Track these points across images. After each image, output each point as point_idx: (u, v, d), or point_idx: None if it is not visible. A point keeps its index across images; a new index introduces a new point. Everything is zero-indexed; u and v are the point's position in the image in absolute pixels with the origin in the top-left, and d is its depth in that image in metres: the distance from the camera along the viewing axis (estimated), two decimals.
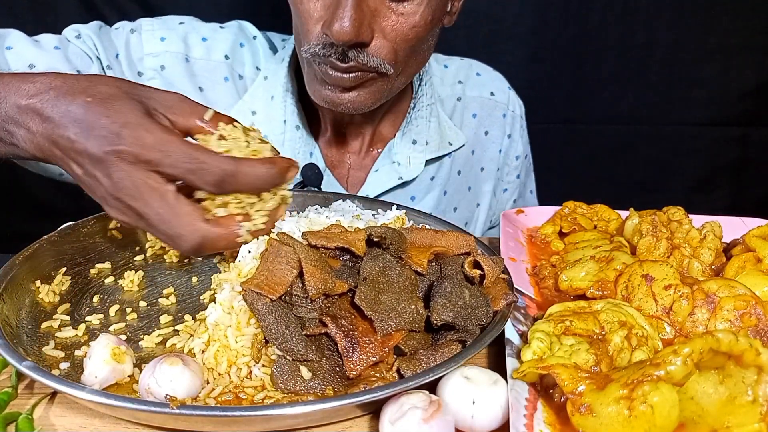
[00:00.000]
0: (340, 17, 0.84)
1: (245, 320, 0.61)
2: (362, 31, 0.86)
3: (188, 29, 1.12)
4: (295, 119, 1.09)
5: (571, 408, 0.52)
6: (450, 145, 1.20)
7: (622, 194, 1.90)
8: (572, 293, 0.74)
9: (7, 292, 0.67)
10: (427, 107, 1.16)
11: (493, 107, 1.27)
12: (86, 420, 0.56)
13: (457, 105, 1.24)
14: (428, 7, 0.91)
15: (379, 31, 0.89)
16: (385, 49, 0.90)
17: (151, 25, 1.11)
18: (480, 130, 1.26)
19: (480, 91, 1.27)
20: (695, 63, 1.82)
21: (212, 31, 1.14)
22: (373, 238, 0.66)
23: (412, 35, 0.92)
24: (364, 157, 1.16)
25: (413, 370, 0.57)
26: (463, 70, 1.27)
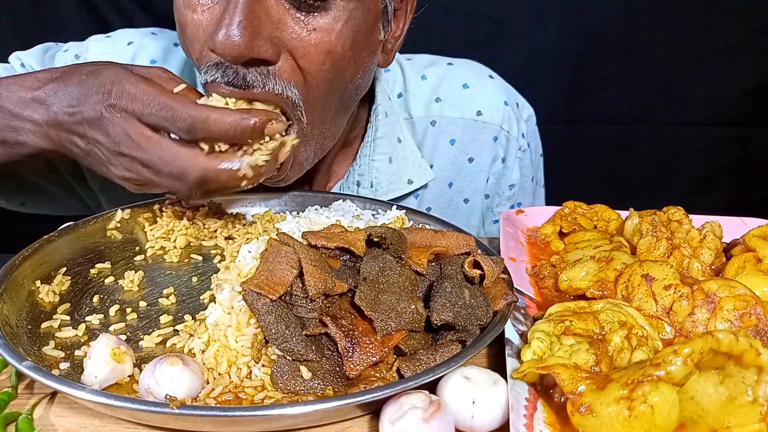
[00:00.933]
0: (226, 24, 0.68)
1: (245, 320, 0.61)
2: (258, 42, 0.69)
3: (137, 51, 1.03)
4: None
5: (571, 408, 0.52)
6: (409, 184, 1.01)
7: (622, 194, 1.90)
8: (572, 293, 0.74)
9: (7, 292, 0.67)
10: (371, 143, 0.99)
11: (479, 130, 1.06)
12: (86, 420, 0.56)
13: (429, 130, 1.05)
14: (347, 26, 0.74)
15: (286, 51, 0.73)
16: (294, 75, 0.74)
17: (98, 48, 1.03)
18: (461, 158, 1.07)
19: (462, 110, 1.05)
20: (695, 63, 1.82)
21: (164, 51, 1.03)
22: (373, 238, 0.66)
23: (329, 65, 0.74)
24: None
25: (413, 370, 0.57)
26: (445, 82, 1.07)
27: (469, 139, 1.07)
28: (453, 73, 1.08)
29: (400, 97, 1.06)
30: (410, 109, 1.06)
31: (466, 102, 1.06)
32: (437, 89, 1.07)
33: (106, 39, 1.06)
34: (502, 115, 1.07)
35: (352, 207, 0.87)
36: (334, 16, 0.73)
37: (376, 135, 0.99)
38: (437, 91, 1.07)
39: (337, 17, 0.74)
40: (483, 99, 1.07)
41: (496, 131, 1.07)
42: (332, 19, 0.73)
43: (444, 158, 1.07)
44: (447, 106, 1.06)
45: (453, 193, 1.09)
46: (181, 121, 0.66)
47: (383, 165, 1.00)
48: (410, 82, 1.06)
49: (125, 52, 1.03)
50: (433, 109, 1.06)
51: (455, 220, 1.03)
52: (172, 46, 1.05)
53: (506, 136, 1.08)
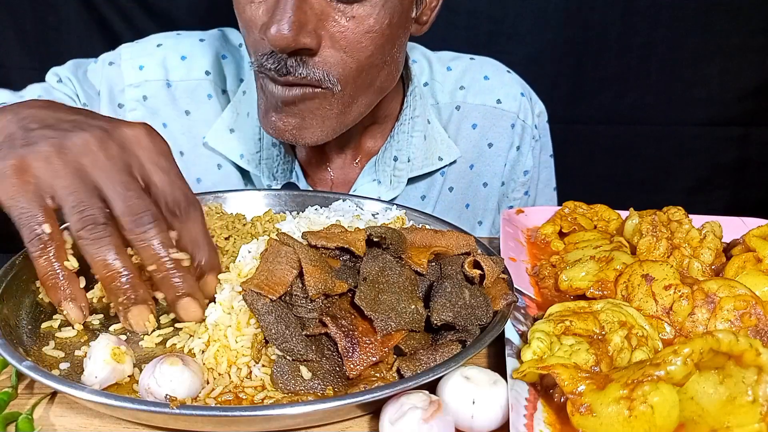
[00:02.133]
0: (278, 20, 0.75)
1: (245, 320, 0.61)
2: (303, 35, 0.77)
3: (166, 51, 1.09)
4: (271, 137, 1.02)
5: (571, 408, 0.52)
6: (440, 161, 1.10)
7: (622, 194, 1.90)
8: (572, 293, 0.74)
9: (7, 292, 0.66)
10: (410, 120, 1.06)
11: (498, 116, 1.15)
12: (86, 420, 0.56)
13: (454, 114, 1.14)
14: (384, 9, 0.81)
15: (328, 38, 0.81)
16: (332, 60, 0.81)
17: (130, 53, 1.08)
18: (482, 142, 1.15)
19: (484, 98, 1.15)
20: (695, 63, 1.82)
21: (191, 47, 1.09)
22: (373, 238, 0.66)
23: (366, 42, 0.82)
24: (348, 172, 1.10)
25: (413, 370, 0.57)
26: (469, 73, 1.16)
27: (489, 125, 1.15)
28: (475, 66, 1.18)
29: (426, 85, 1.14)
30: (437, 96, 1.14)
31: (487, 91, 1.15)
32: (461, 79, 1.16)
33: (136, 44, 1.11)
34: (518, 104, 1.16)
35: (352, 207, 0.87)
36: (372, 3, 0.81)
37: (414, 113, 1.07)
38: (461, 80, 1.16)
39: (375, 3, 0.81)
40: (502, 89, 1.16)
41: (514, 119, 1.16)
42: (371, 6, 0.81)
43: (466, 141, 1.14)
44: (470, 94, 1.15)
45: (474, 176, 1.16)
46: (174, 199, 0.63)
47: (420, 141, 1.08)
48: (436, 72, 1.16)
49: (156, 53, 1.08)
50: (458, 95, 1.15)
51: (475, 203, 1.15)
52: (198, 42, 1.11)
53: (522, 125, 1.16)
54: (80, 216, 0.59)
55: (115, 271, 0.60)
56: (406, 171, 1.07)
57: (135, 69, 1.07)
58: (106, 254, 0.59)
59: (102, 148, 0.61)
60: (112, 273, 0.60)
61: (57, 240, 0.60)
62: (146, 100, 1.07)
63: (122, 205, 0.60)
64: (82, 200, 0.59)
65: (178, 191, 0.64)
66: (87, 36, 1.73)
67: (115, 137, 0.63)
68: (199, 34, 1.12)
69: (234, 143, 1.06)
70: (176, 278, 0.62)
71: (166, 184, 0.63)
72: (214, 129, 1.07)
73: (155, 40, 1.11)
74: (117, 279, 0.60)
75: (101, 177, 0.60)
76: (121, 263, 0.60)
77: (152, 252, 0.61)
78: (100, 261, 0.59)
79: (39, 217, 0.59)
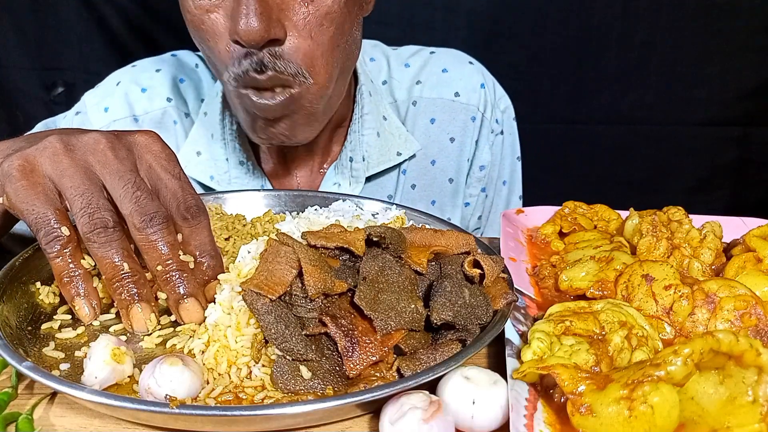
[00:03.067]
0: (245, 14, 0.76)
1: (245, 320, 0.61)
2: (272, 25, 0.78)
3: (126, 86, 1.10)
4: (238, 155, 1.05)
5: (571, 408, 0.52)
6: (398, 156, 1.09)
7: (622, 194, 1.90)
8: (572, 293, 0.74)
9: (7, 293, 0.66)
10: (360, 119, 1.06)
11: (457, 110, 1.13)
12: (86, 420, 0.56)
13: (411, 110, 1.12)
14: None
15: (292, 27, 0.82)
16: (301, 50, 0.82)
17: (93, 97, 1.11)
18: (442, 137, 1.13)
19: (440, 91, 1.13)
20: (695, 63, 1.82)
21: (150, 78, 1.11)
22: (373, 238, 0.66)
23: (327, 24, 0.83)
24: (314, 178, 1.10)
25: (413, 369, 0.57)
26: (427, 67, 1.14)
27: (448, 119, 1.13)
28: (434, 59, 1.16)
29: (385, 84, 1.13)
30: (394, 94, 1.14)
31: (444, 84, 1.13)
32: (418, 74, 1.14)
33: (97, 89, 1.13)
34: (478, 96, 1.14)
35: (351, 207, 0.87)
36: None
37: (363, 111, 1.06)
38: (418, 75, 1.14)
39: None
40: (461, 82, 1.14)
41: (474, 112, 1.13)
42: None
43: (425, 136, 1.12)
44: (426, 88, 1.13)
45: (437, 172, 1.14)
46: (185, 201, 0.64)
47: (372, 139, 1.07)
48: (394, 70, 1.14)
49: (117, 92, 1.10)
50: (414, 90, 1.13)
51: (441, 199, 1.12)
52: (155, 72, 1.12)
53: (481, 118, 1.14)
54: (89, 219, 0.59)
55: (121, 271, 0.61)
56: (363, 170, 1.07)
57: (101, 112, 1.09)
58: (113, 256, 0.60)
59: (110, 148, 0.62)
60: (117, 274, 0.61)
61: (74, 241, 0.61)
62: None
63: (132, 205, 0.61)
64: (90, 203, 0.60)
65: (190, 197, 0.65)
66: (87, 36, 1.73)
67: (124, 140, 0.64)
68: (153, 62, 1.14)
69: (203, 166, 1.07)
70: (181, 280, 0.63)
71: (178, 188, 0.64)
72: (182, 154, 1.08)
73: (114, 79, 1.13)
74: (122, 279, 0.61)
75: (109, 177, 0.61)
76: (128, 265, 0.61)
77: (160, 253, 0.62)
78: (107, 263, 0.61)
79: (54, 220, 0.60)
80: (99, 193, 0.60)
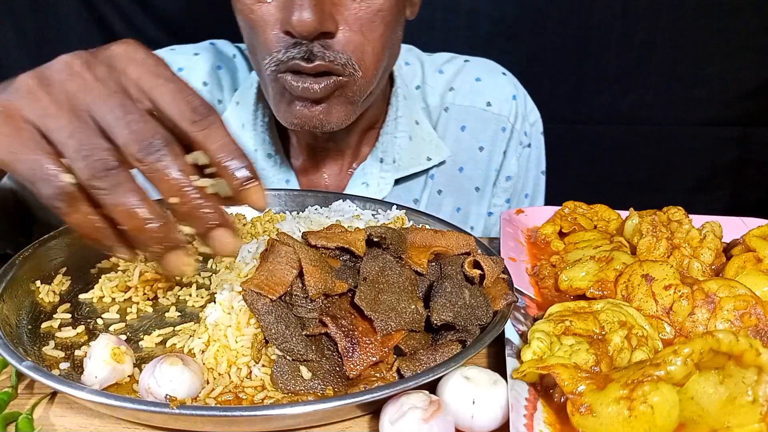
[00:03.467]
0: (299, 6, 0.78)
1: (245, 320, 0.61)
2: (324, 18, 0.80)
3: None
4: (267, 147, 1.05)
5: (571, 408, 0.52)
6: (428, 161, 1.09)
7: (622, 194, 1.90)
8: (572, 293, 0.74)
9: (7, 292, 0.67)
10: (394, 122, 1.07)
11: (488, 119, 1.13)
12: (86, 420, 0.56)
13: (442, 116, 1.13)
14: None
15: (343, 22, 0.84)
16: (352, 43, 0.85)
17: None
18: (472, 145, 1.13)
19: (473, 99, 1.13)
20: (695, 63, 1.82)
21: (187, 60, 1.11)
22: (373, 238, 0.66)
23: (378, 21, 0.86)
24: (342, 177, 1.10)
25: (413, 370, 0.57)
26: (460, 75, 1.15)
27: (479, 128, 1.13)
28: (468, 68, 1.16)
29: (418, 88, 1.14)
30: (427, 99, 1.14)
31: (477, 93, 1.14)
32: (452, 81, 1.15)
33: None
34: (509, 107, 1.14)
35: (351, 207, 0.87)
36: None
37: (397, 114, 1.07)
38: (452, 82, 1.15)
39: None
40: (493, 92, 1.14)
41: (505, 123, 1.14)
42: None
43: (455, 142, 1.13)
44: (459, 95, 1.14)
45: (464, 179, 1.14)
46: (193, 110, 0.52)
47: (404, 142, 1.08)
48: (428, 75, 1.15)
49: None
50: (447, 97, 1.14)
51: (467, 206, 1.13)
52: (193, 55, 1.12)
53: (511, 129, 1.14)
54: (87, 162, 0.49)
55: (142, 219, 0.50)
56: (392, 172, 1.08)
57: None
58: (127, 202, 0.50)
59: (87, 68, 0.53)
60: (139, 223, 0.51)
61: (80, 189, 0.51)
62: None
63: (125, 132, 0.50)
64: (83, 142, 0.50)
65: (192, 96, 0.54)
66: (87, 36, 1.73)
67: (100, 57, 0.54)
68: (192, 48, 1.14)
69: None
70: (205, 208, 0.52)
71: (176, 92, 0.53)
72: None
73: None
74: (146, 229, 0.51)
75: (94, 103, 0.51)
76: (148, 210, 0.51)
77: (172, 182, 0.51)
78: (123, 211, 0.50)
79: (52, 168, 0.50)
80: (90, 129, 0.51)
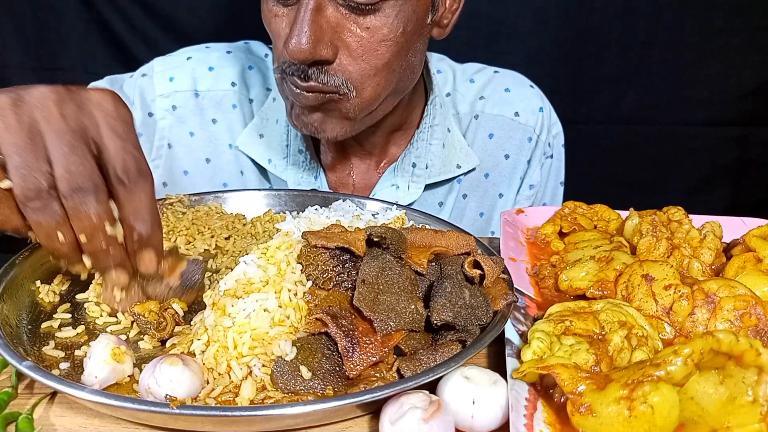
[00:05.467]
0: (297, 34, 0.80)
1: (245, 321, 0.61)
2: (320, 48, 0.82)
3: (195, 63, 1.14)
4: (298, 143, 1.07)
5: (571, 408, 0.52)
6: (458, 168, 1.12)
7: (622, 194, 1.90)
8: (572, 293, 0.74)
9: (7, 292, 0.67)
10: (429, 129, 1.10)
11: (515, 128, 1.16)
12: (86, 420, 0.56)
13: (472, 123, 1.16)
14: (397, 18, 0.85)
15: (344, 48, 0.85)
16: (350, 67, 0.86)
17: (162, 65, 1.14)
18: (498, 153, 1.16)
19: (502, 109, 1.16)
20: (695, 63, 1.82)
21: (219, 59, 1.14)
22: (373, 238, 0.66)
23: (382, 50, 0.86)
24: (370, 177, 1.12)
25: (413, 370, 0.57)
26: (491, 84, 1.18)
27: (506, 136, 1.16)
28: (497, 79, 1.20)
29: (449, 96, 1.17)
30: (457, 107, 1.17)
31: (506, 102, 1.17)
32: (482, 90, 1.18)
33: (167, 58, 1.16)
34: (536, 119, 1.17)
35: (352, 207, 0.87)
36: (385, 14, 0.84)
37: (433, 122, 1.10)
38: (482, 91, 1.18)
39: (389, 14, 0.84)
40: (521, 103, 1.17)
41: (531, 133, 1.17)
42: (384, 16, 0.84)
43: (482, 149, 1.16)
44: (489, 104, 1.17)
45: (489, 185, 1.17)
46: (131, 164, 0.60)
47: (438, 149, 1.10)
48: (459, 84, 1.18)
49: (186, 66, 1.13)
50: (477, 105, 1.17)
51: (490, 212, 1.17)
52: (225, 54, 1.15)
53: (536, 139, 1.17)
54: (23, 180, 0.57)
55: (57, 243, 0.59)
56: (424, 177, 1.10)
57: (166, 80, 1.11)
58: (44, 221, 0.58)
59: (58, 104, 0.59)
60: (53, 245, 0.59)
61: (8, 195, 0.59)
62: (175, 109, 1.10)
63: (63, 170, 0.57)
64: (27, 161, 0.56)
65: (130, 159, 0.60)
66: (87, 36, 1.73)
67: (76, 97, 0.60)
68: (226, 46, 1.17)
69: (263, 148, 1.10)
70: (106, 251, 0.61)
71: (120, 149, 0.60)
72: (246, 134, 1.11)
73: (185, 54, 1.16)
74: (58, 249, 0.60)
75: (50, 135, 0.58)
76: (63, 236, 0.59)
77: (85, 224, 0.59)
78: (41, 232, 0.59)
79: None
80: (38, 154, 0.57)
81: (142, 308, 0.62)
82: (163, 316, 0.63)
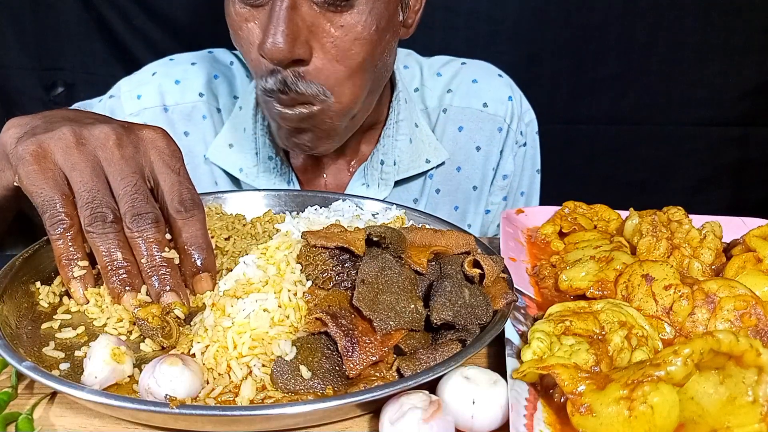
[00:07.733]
0: (272, 33, 0.79)
1: (244, 321, 0.61)
2: (297, 46, 0.81)
3: (161, 78, 1.14)
4: (268, 150, 1.07)
5: (571, 408, 0.52)
6: (427, 163, 1.12)
7: (622, 194, 1.90)
8: (572, 293, 0.74)
9: (7, 293, 0.66)
10: (395, 125, 1.09)
11: (484, 119, 1.16)
12: (86, 420, 0.56)
13: (441, 117, 1.16)
14: (371, 16, 0.85)
15: (319, 49, 0.84)
16: (325, 69, 0.85)
17: (128, 85, 1.14)
18: (469, 145, 1.16)
19: (470, 101, 1.16)
20: (695, 63, 1.82)
21: (184, 71, 1.14)
22: (373, 238, 0.66)
23: (356, 49, 0.86)
24: (341, 177, 1.12)
25: (413, 369, 0.57)
26: (458, 77, 1.18)
27: (476, 127, 1.16)
28: (465, 70, 1.19)
29: (417, 91, 1.17)
30: (425, 101, 1.17)
31: (474, 94, 1.17)
32: (449, 83, 1.18)
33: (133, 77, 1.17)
34: (505, 108, 1.17)
35: (351, 207, 0.86)
36: (358, 10, 0.84)
37: (398, 118, 1.09)
38: (449, 84, 1.18)
39: (362, 11, 0.84)
40: (490, 93, 1.17)
41: (500, 123, 1.17)
42: (358, 13, 0.84)
43: (452, 143, 1.16)
44: (456, 97, 1.16)
45: (462, 179, 1.17)
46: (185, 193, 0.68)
47: (405, 145, 1.10)
48: (426, 78, 1.18)
49: (152, 82, 1.13)
50: (445, 99, 1.17)
51: (464, 205, 1.16)
52: (190, 65, 1.15)
53: (507, 129, 1.17)
54: (91, 212, 0.64)
55: (114, 261, 0.65)
56: (393, 174, 1.10)
57: (133, 99, 1.12)
58: (109, 247, 0.65)
59: (118, 145, 0.67)
60: (111, 263, 0.65)
61: (76, 226, 0.66)
62: None
63: (127, 205, 0.65)
64: (95, 198, 0.64)
65: (186, 192, 0.68)
66: (87, 36, 1.73)
67: (132, 137, 0.68)
68: (191, 57, 1.17)
69: (233, 158, 1.11)
70: (163, 273, 0.66)
71: (176, 183, 0.68)
72: (215, 145, 1.11)
73: (150, 69, 1.17)
74: (114, 268, 0.66)
75: (114, 175, 0.66)
76: (121, 256, 0.65)
77: (143, 249, 0.66)
78: (103, 252, 0.65)
79: (60, 205, 0.65)
80: (103, 190, 0.65)
81: (145, 312, 0.62)
82: (167, 321, 0.63)
